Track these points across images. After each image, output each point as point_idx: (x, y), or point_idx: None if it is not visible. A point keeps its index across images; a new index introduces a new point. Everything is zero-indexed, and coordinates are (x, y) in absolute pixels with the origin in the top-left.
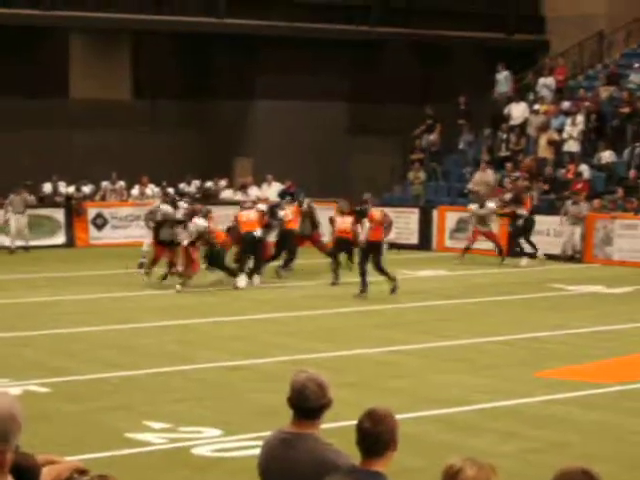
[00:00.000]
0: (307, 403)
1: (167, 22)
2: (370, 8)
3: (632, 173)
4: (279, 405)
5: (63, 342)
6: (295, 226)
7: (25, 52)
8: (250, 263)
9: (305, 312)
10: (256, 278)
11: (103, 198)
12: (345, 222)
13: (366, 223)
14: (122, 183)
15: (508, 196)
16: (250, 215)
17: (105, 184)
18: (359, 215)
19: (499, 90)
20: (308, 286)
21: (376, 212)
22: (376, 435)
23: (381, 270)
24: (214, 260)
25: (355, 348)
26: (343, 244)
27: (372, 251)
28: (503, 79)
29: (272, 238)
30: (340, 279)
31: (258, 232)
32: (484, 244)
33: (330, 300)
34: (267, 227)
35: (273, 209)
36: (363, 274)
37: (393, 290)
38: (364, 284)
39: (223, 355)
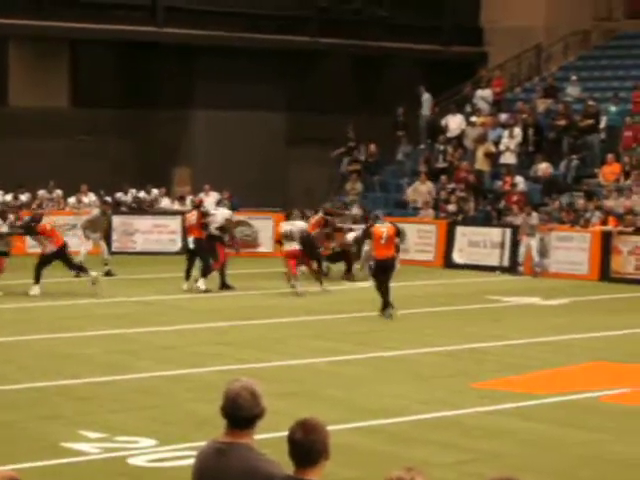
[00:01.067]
0: (240, 412)
1: (106, 31)
2: (309, 19)
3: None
4: (215, 415)
5: (1, 351)
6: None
7: None
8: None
9: (245, 322)
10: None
11: (40, 207)
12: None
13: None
14: (59, 192)
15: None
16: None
17: (42, 192)
18: (366, 234)
19: (423, 112)
20: (249, 295)
21: (382, 228)
22: (308, 445)
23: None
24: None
25: (294, 358)
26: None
27: (385, 269)
28: (426, 100)
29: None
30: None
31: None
32: (423, 255)
33: (270, 310)
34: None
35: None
36: (382, 293)
37: (384, 313)
38: (386, 302)
39: (160, 365)
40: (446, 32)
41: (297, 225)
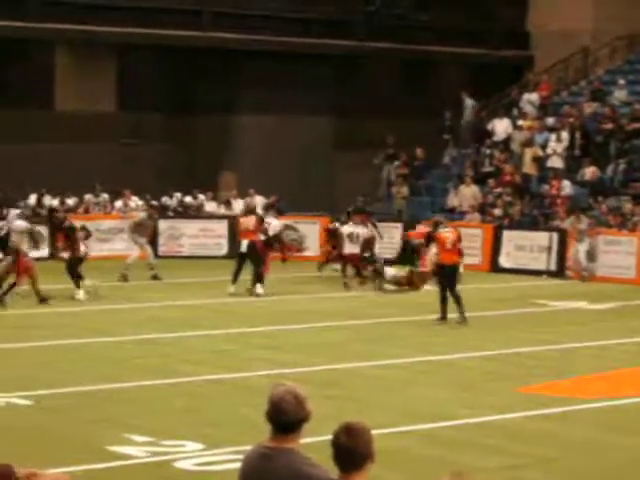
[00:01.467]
0: (285, 417)
1: (152, 35)
2: (356, 23)
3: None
4: (262, 419)
5: (47, 354)
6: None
7: (10, 64)
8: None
9: (291, 326)
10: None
11: (86, 211)
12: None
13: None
14: (105, 196)
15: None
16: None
17: (88, 197)
18: (429, 240)
19: (466, 118)
20: (295, 299)
21: (446, 233)
22: (352, 448)
23: (456, 297)
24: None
25: (341, 362)
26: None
27: (448, 275)
28: (469, 107)
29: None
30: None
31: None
32: (469, 259)
33: (317, 314)
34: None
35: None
36: (443, 300)
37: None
38: (444, 311)
39: (207, 368)
40: (493, 36)
41: (360, 229)
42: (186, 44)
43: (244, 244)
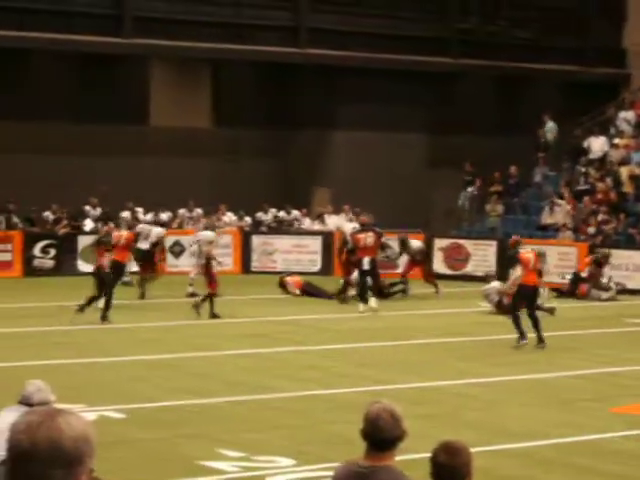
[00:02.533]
0: (381, 434)
1: (248, 52)
2: (450, 40)
3: None
4: (354, 436)
5: (140, 368)
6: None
7: (106, 79)
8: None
9: (384, 343)
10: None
11: (180, 226)
12: None
13: (518, 269)
14: (199, 210)
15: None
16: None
17: (182, 211)
18: (511, 260)
19: (547, 139)
20: (388, 316)
21: (528, 254)
22: (452, 468)
23: (535, 319)
24: None
25: (433, 380)
26: None
27: (528, 296)
28: (549, 130)
29: None
30: None
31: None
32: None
33: (409, 331)
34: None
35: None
36: (516, 320)
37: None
38: (522, 332)
39: (299, 384)
40: (589, 53)
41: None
42: (282, 60)
43: (366, 261)
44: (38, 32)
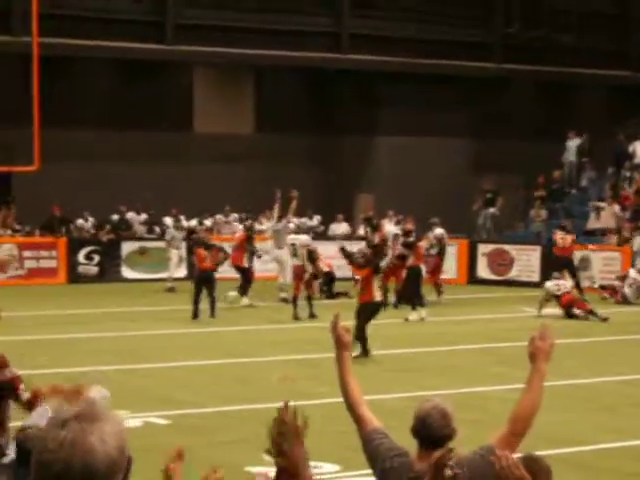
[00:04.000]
0: (430, 432)
1: (290, 58)
2: (494, 45)
3: None
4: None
5: (185, 374)
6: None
7: (150, 86)
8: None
9: (426, 348)
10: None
11: (218, 231)
12: None
13: None
14: (235, 216)
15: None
16: None
17: (219, 217)
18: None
19: (567, 158)
20: (431, 323)
21: None
22: None
23: None
24: None
25: (476, 385)
26: None
27: None
28: (573, 146)
29: None
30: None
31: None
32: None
33: (451, 336)
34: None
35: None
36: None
37: None
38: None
39: None
40: (634, 57)
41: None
42: (324, 66)
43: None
44: (81, 39)
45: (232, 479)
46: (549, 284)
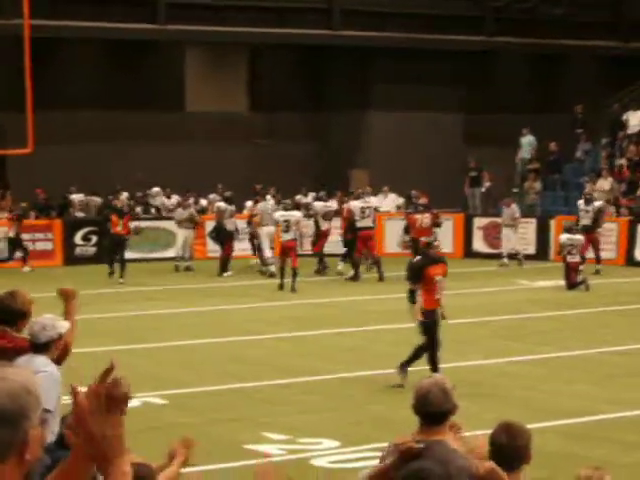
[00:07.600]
0: (430, 408)
1: (283, 35)
2: (484, 18)
3: None
4: (397, 416)
5: (182, 354)
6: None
7: (141, 66)
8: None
9: None
10: None
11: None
12: None
13: None
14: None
15: None
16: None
17: (212, 196)
18: None
19: (520, 155)
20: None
21: None
22: (512, 450)
23: None
24: None
25: (475, 359)
26: None
27: None
28: (527, 143)
29: None
30: None
31: None
32: (605, 253)
33: (451, 310)
34: None
35: None
36: None
37: None
38: None
39: (341, 366)
40: (624, 28)
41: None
42: (317, 43)
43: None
44: (71, 20)
45: (234, 456)
46: (563, 238)
